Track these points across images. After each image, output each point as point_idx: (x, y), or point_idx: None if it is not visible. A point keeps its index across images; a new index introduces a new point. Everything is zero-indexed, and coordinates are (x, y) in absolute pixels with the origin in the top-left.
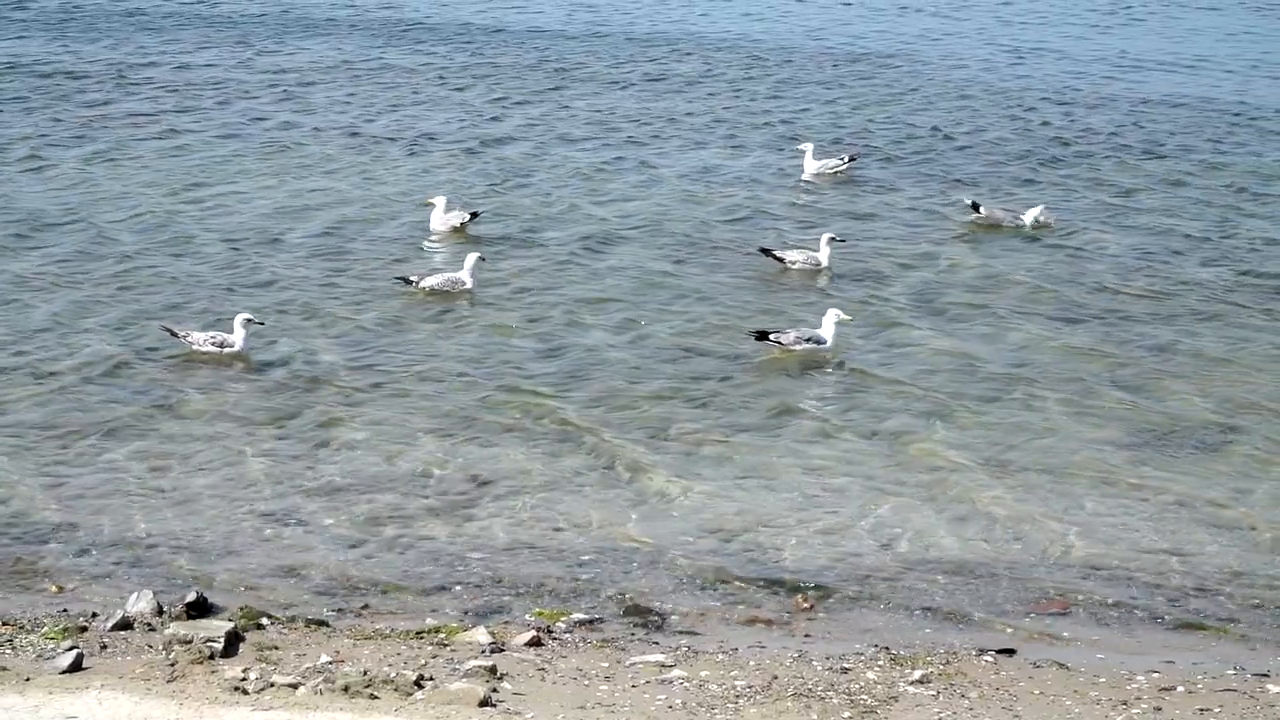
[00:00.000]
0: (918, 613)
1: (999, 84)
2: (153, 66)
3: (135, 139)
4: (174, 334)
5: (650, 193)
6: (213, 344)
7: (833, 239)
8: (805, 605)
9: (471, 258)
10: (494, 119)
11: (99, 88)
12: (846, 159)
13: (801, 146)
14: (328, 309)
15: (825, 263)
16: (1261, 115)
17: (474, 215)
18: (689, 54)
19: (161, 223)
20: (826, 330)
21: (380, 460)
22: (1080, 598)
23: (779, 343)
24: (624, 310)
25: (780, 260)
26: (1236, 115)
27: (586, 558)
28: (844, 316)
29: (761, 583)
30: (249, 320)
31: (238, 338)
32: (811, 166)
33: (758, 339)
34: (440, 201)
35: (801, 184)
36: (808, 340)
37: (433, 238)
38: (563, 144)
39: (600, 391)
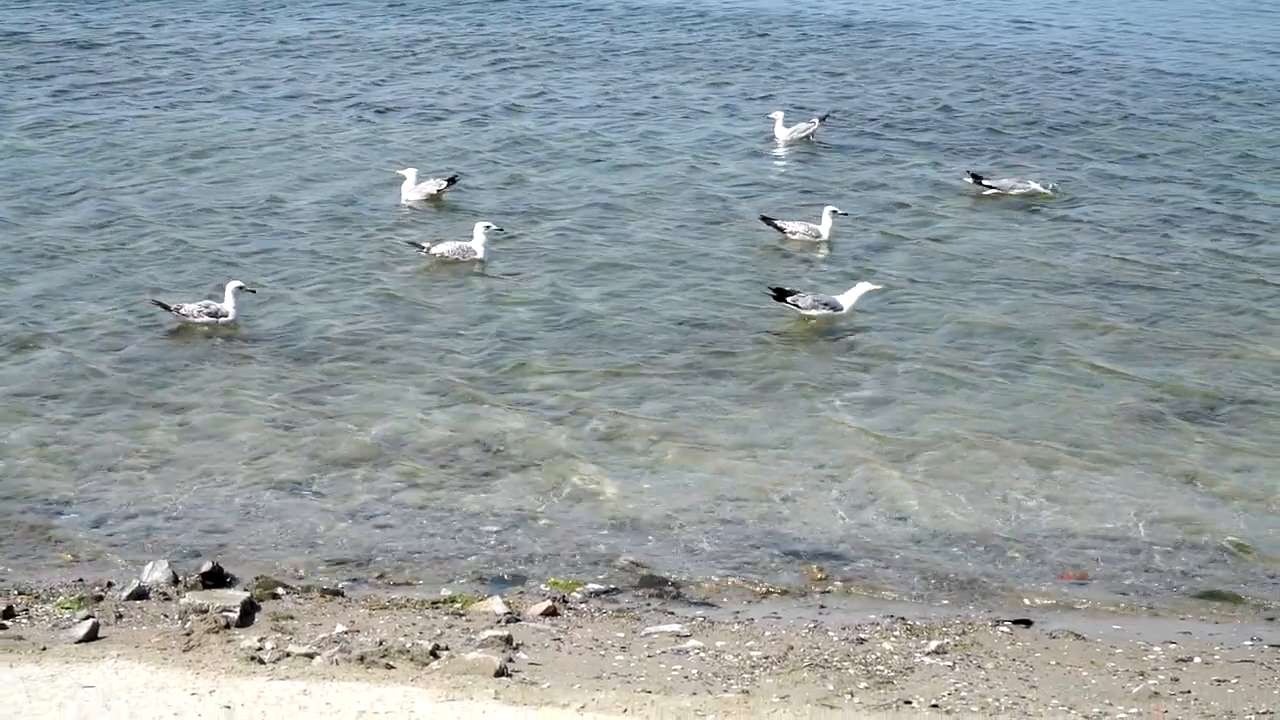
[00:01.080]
0: (933, 584)
1: (1001, 53)
2: (156, 36)
3: (136, 108)
4: (165, 307)
5: (651, 163)
6: (206, 314)
7: (834, 211)
8: (820, 576)
9: (480, 227)
10: (495, 89)
11: (100, 57)
12: (817, 120)
13: (772, 115)
14: (337, 279)
15: (825, 235)
16: (1264, 86)
17: (451, 180)
18: (691, 24)
19: (164, 192)
20: (847, 298)
21: (395, 431)
22: (1096, 569)
23: (796, 305)
24: (632, 280)
25: (780, 230)
26: (1240, 86)
27: (602, 529)
28: (874, 286)
29: (777, 554)
30: (240, 288)
31: (229, 306)
32: (783, 134)
33: (776, 298)
34: (410, 174)
35: (778, 152)
36: (824, 305)
37: (404, 207)
38: (565, 114)
39: (613, 362)
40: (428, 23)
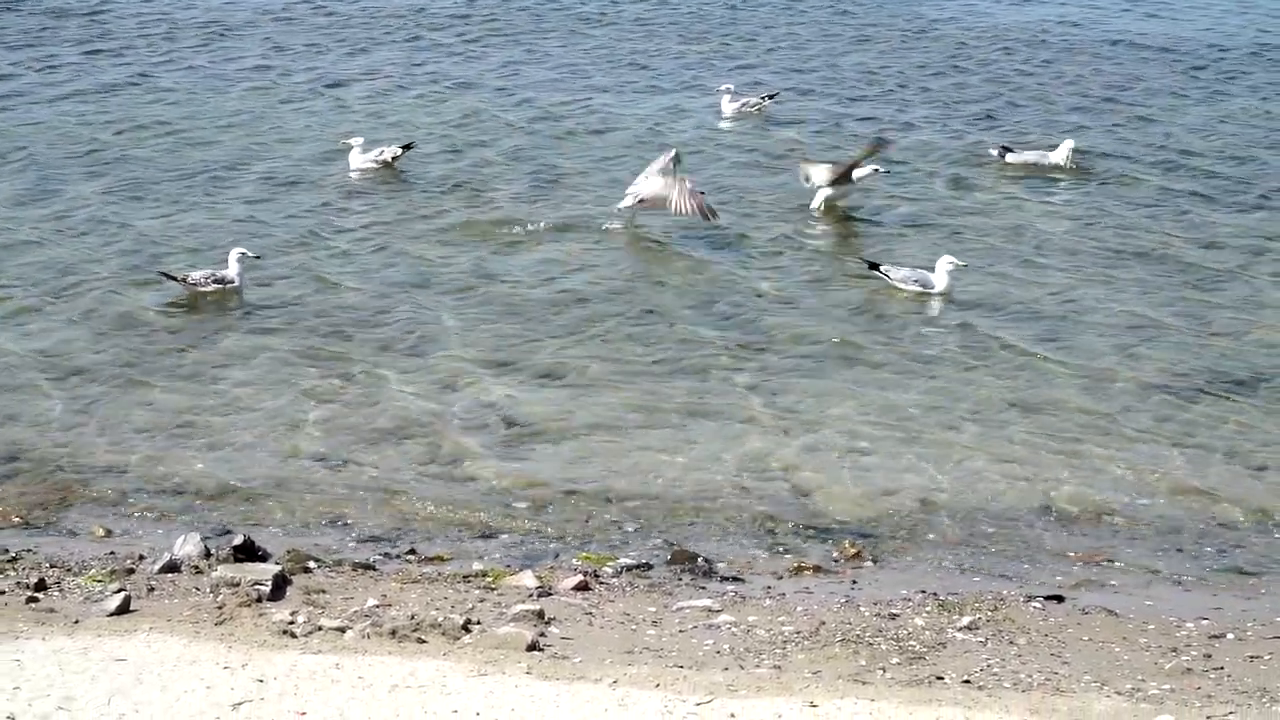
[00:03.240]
0: (965, 559)
1: (1010, 21)
2: (125, 5)
3: (103, 79)
4: (173, 278)
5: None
6: (213, 282)
7: (876, 170)
8: (853, 552)
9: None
10: (462, 60)
11: (69, 27)
12: (765, 97)
13: (722, 88)
14: (363, 249)
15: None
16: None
17: (407, 147)
18: None
19: (116, 165)
20: (940, 276)
21: (423, 403)
22: (1129, 545)
23: (888, 277)
24: (654, 256)
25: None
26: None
27: (633, 503)
28: (958, 263)
29: (809, 529)
30: (244, 254)
31: (234, 272)
32: (729, 109)
33: (870, 268)
34: (357, 142)
35: (723, 125)
36: (915, 281)
37: (352, 175)
38: (528, 87)
39: (640, 335)
40: None
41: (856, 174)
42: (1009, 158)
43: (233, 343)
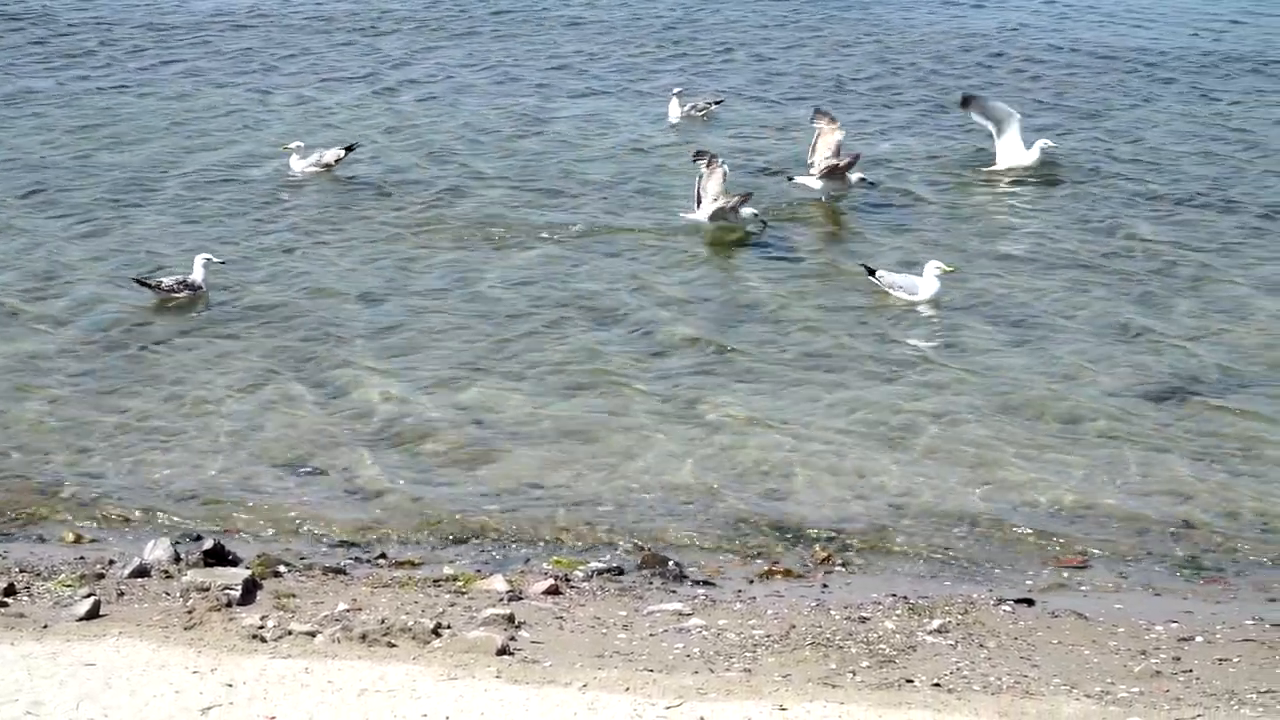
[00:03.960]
0: (936, 563)
1: (959, 32)
2: (59, 10)
3: (35, 84)
4: (147, 285)
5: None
6: (184, 287)
7: (862, 180)
8: (823, 556)
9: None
10: (400, 64)
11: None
12: (711, 102)
13: (673, 91)
14: (329, 253)
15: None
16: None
17: (349, 149)
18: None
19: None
20: (926, 283)
21: (394, 407)
22: (1099, 548)
23: (879, 282)
24: (635, 259)
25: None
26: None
27: (604, 507)
28: (944, 267)
29: (780, 533)
30: (209, 260)
31: (198, 277)
32: (675, 113)
33: (868, 273)
34: (296, 147)
35: (669, 126)
36: (902, 287)
37: (293, 176)
38: (464, 92)
39: (614, 338)
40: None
41: (852, 176)
42: (985, 169)
43: (203, 348)
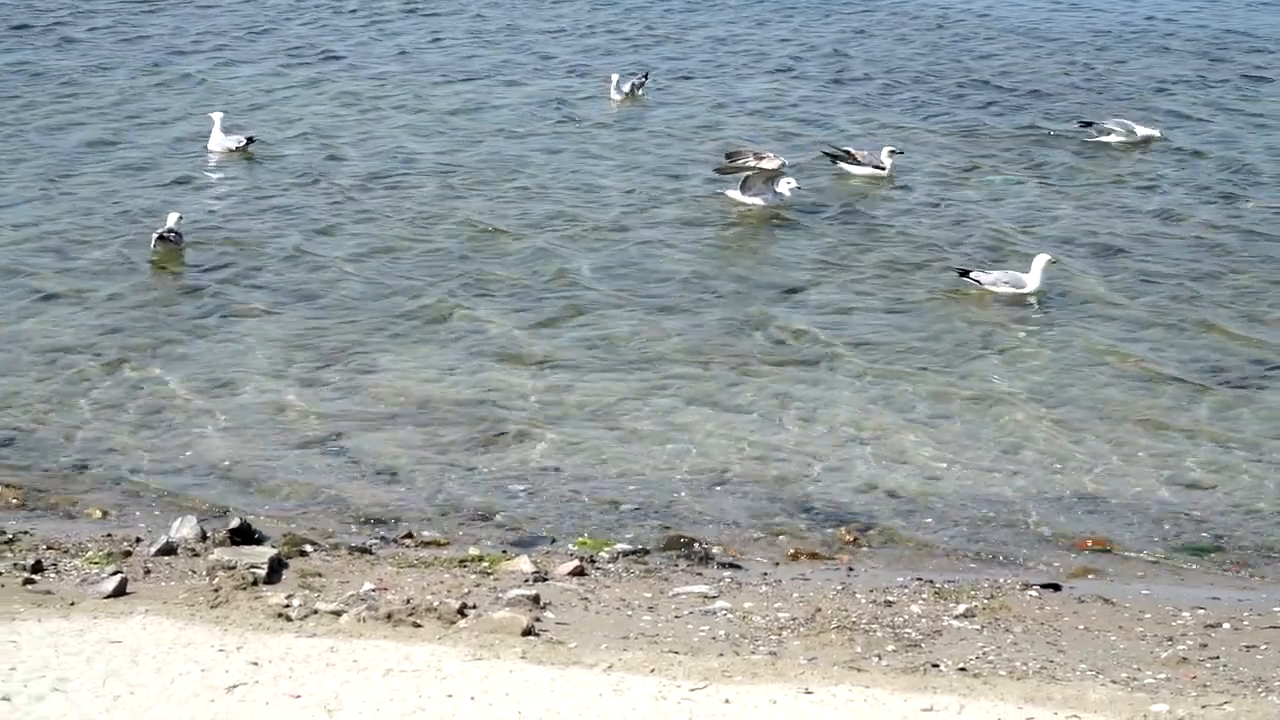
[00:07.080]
0: (962, 547)
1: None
2: None
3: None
4: (166, 238)
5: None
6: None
7: (893, 151)
8: (849, 539)
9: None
10: (350, 43)
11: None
12: (642, 77)
13: (612, 75)
14: (353, 232)
15: (888, 170)
16: None
17: (250, 140)
18: None
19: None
20: (1033, 275)
21: (421, 388)
22: (1126, 534)
23: (978, 282)
24: (657, 246)
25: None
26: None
27: (630, 488)
28: (1053, 259)
29: (805, 516)
30: (179, 219)
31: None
32: (616, 95)
33: (960, 275)
34: (217, 118)
35: (610, 106)
36: (1007, 282)
37: (211, 156)
38: (415, 71)
39: (640, 323)
40: None
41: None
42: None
43: (230, 326)
